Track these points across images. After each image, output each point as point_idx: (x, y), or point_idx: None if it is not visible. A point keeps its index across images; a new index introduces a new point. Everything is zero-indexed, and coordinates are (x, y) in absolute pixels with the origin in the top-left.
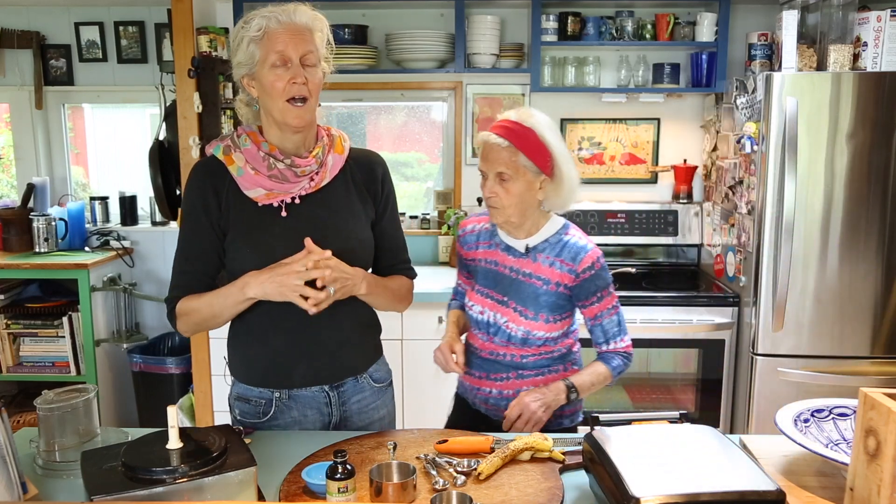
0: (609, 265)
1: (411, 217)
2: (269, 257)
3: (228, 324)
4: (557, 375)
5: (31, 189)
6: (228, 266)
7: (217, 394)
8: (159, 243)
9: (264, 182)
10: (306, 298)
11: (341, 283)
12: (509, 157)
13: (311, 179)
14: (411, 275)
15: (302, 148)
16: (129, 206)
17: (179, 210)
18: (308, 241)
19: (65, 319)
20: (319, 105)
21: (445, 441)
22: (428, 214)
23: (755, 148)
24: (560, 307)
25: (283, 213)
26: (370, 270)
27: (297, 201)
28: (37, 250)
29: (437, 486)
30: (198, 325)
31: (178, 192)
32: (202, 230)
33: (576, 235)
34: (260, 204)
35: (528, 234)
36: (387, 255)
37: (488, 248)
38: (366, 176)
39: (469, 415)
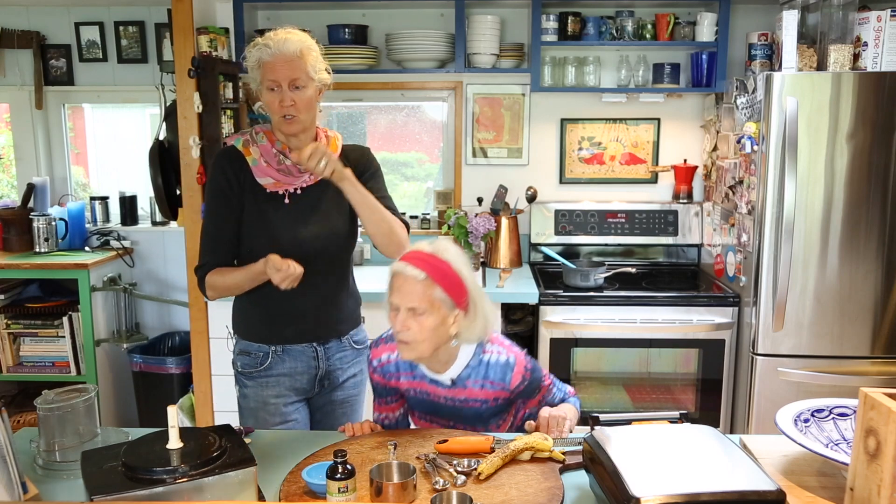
0: (609, 265)
1: (411, 217)
2: (273, 235)
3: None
4: (532, 402)
5: (31, 189)
6: (240, 241)
7: (217, 394)
8: (159, 243)
9: (273, 173)
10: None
11: (333, 164)
12: (424, 290)
13: (311, 174)
14: (403, 220)
15: (303, 146)
16: (129, 206)
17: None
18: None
19: (65, 319)
20: (320, 111)
21: (445, 441)
22: (428, 214)
23: (755, 148)
24: (505, 410)
25: (287, 201)
26: (351, 251)
27: (298, 192)
28: (37, 250)
29: (437, 486)
30: (222, 294)
31: (178, 192)
32: (229, 204)
33: (494, 351)
34: (268, 190)
35: (446, 365)
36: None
37: (412, 378)
38: (354, 168)
39: None
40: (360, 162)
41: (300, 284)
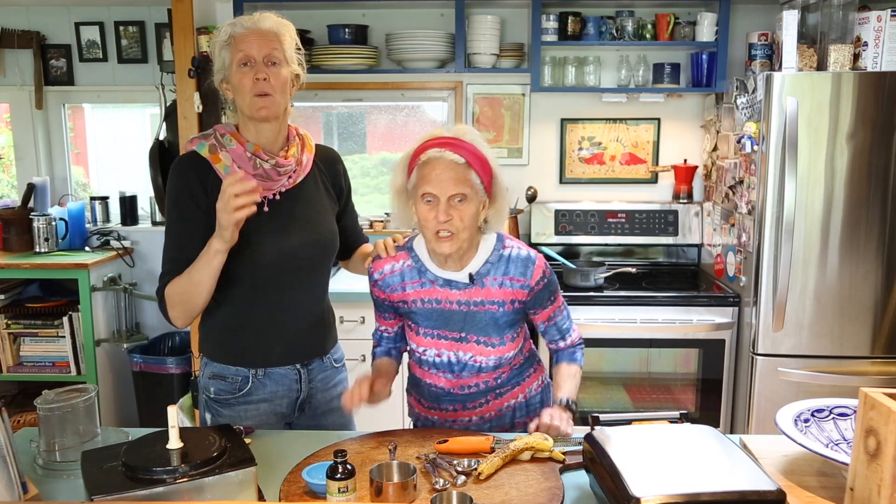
0: (609, 265)
1: None
2: (254, 248)
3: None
4: (532, 378)
5: (31, 189)
6: None
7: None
8: (159, 243)
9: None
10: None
11: None
12: (464, 175)
13: (290, 177)
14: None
15: (276, 143)
16: (129, 206)
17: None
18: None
19: (65, 319)
20: (292, 106)
21: (445, 441)
22: None
23: (755, 148)
24: (518, 321)
25: (265, 209)
26: (335, 255)
27: (277, 197)
28: (37, 250)
29: (437, 486)
30: (184, 302)
31: None
32: (192, 220)
33: (514, 246)
34: None
35: (465, 261)
36: (351, 238)
37: (420, 286)
38: (331, 173)
39: None
40: (338, 172)
41: (286, 299)
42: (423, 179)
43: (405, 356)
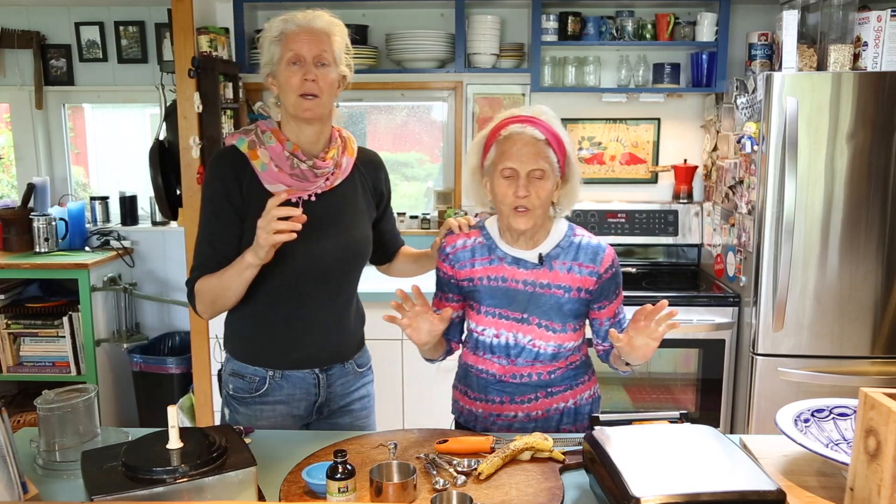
0: None
1: (411, 217)
2: (283, 248)
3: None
4: (586, 386)
5: (31, 189)
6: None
7: (217, 394)
8: (159, 243)
9: (286, 179)
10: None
11: None
12: (543, 152)
13: (327, 179)
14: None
15: (318, 144)
16: (129, 206)
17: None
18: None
19: (65, 319)
20: (337, 106)
21: (445, 441)
22: (428, 214)
23: (755, 148)
24: (582, 314)
25: (300, 210)
26: (367, 261)
27: (312, 198)
28: (37, 250)
29: (437, 486)
30: (213, 302)
31: (178, 192)
32: (225, 214)
33: (585, 235)
34: None
35: (536, 242)
36: (388, 243)
37: (489, 263)
38: (372, 178)
39: None
40: (379, 178)
41: (310, 303)
42: (502, 154)
43: (455, 354)
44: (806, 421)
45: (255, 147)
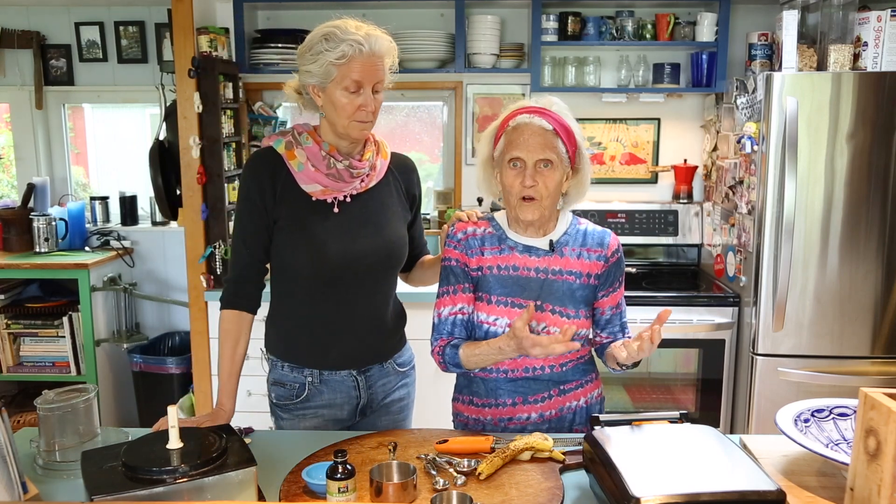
0: None
1: None
2: (319, 249)
3: (269, 303)
4: (594, 385)
5: (31, 189)
6: (275, 254)
7: (217, 394)
8: (159, 243)
9: (322, 179)
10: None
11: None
12: (552, 142)
13: (362, 180)
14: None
15: (354, 147)
16: (129, 206)
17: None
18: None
19: (65, 319)
20: None
21: (445, 441)
22: (428, 214)
23: (755, 148)
24: (590, 301)
25: (336, 210)
26: (403, 263)
27: (348, 199)
28: (37, 250)
29: (437, 486)
30: (220, 343)
31: (178, 192)
32: (259, 214)
33: (589, 224)
34: (314, 199)
35: (545, 232)
36: (416, 249)
37: (499, 252)
38: (405, 180)
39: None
40: (412, 181)
41: (348, 302)
42: (510, 144)
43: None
44: (806, 421)
45: (291, 147)
